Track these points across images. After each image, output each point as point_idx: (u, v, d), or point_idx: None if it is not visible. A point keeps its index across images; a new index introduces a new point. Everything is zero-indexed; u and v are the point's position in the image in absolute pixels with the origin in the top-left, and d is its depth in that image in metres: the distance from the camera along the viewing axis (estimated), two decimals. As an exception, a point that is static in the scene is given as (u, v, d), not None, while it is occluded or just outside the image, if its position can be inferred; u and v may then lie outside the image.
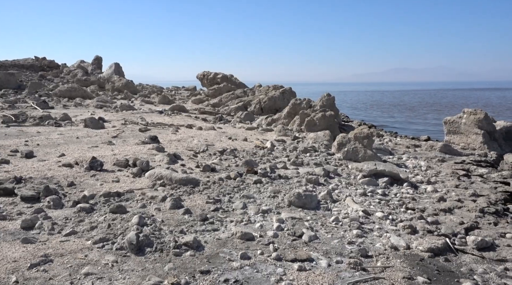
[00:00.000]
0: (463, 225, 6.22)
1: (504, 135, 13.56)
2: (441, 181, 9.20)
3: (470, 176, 9.96)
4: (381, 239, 5.44)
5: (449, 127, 14.25)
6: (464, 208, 7.20)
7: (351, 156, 10.50)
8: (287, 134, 14.28)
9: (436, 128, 21.10)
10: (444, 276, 4.48)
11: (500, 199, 8.06)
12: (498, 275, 4.57)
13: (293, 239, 5.26)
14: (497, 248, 5.42)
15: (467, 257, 5.10)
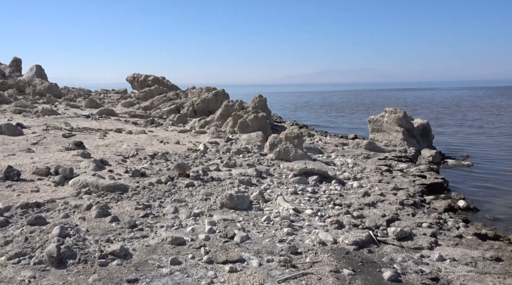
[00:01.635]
0: (385, 218, 6.62)
1: (421, 132, 14.65)
2: (366, 177, 9.72)
3: (391, 171, 10.63)
4: (310, 235, 5.62)
5: (373, 125, 15.11)
6: (386, 201, 7.67)
7: (283, 156, 10.73)
8: (220, 136, 14.26)
9: (362, 126, 22.26)
10: (367, 267, 4.73)
11: (418, 192, 8.70)
12: (415, 262, 4.92)
13: (225, 241, 5.25)
14: (414, 237, 5.83)
15: (388, 248, 5.43)
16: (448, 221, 6.79)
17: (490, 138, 17.87)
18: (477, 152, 14.36)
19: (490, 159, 13.16)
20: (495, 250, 5.44)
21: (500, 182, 10.17)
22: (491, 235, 6.12)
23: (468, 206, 7.98)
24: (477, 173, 11.27)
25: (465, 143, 16.70)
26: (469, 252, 5.34)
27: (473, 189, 9.62)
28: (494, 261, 5.05)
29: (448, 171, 11.65)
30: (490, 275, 4.59)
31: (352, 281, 4.31)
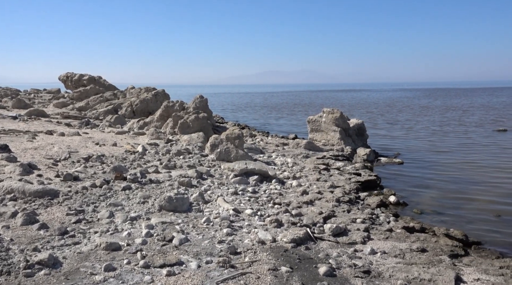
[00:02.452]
0: (322, 215, 6.83)
1: (357, 131, 15.32)
2: (305, 175, 9.97)
3: (329, 169, 11.01)
4: (250, 235, 5.66)
5: (312, 125, 15.55)
6: (324, 199, 7.92)
7: (224, 156, 10.72)
8: (160, 137, 13.95)
9: (302, 126, 22.84)
10: (304, 264, 4.85)
11: (353, 189, 9.08)
12: (349, 257, 5.12)
13: (163, 244, 5.14)
14: (349, 233, 6.07)
15: (324, 244, 5.61)
16: (380, 216, 7.15)
17: (419, 137, 19.09)
18: (407, 150, 15.27)
19: (418, 156, 14.05)
20: (421, 242, 5.81)
21: (427, 178, 10.88)
22: (418, 228, 6.54)
23: (398, 201, 8.45)
24: (407, 170, 11.98)
25: (396, 141, 17.70)
26: (398, 244, 5.66)
27: (403, 185, 10.20)
28: (420, 252, 5.39)
29: (381, 168, 12.28)
30: (416, 265, 4.89)
31: (289, 278, 4.40)
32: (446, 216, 7.78)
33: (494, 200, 8.71)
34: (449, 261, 5.10)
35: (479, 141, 17.20)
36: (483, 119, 26.36)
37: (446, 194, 9.25)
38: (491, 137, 18.18)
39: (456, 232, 6.28)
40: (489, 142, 16.86)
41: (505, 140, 17.34)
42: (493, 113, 30.74)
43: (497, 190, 9.48)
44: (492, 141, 17.09)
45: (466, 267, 4.99)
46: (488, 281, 4.52)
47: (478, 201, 8.69)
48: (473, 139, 17.70)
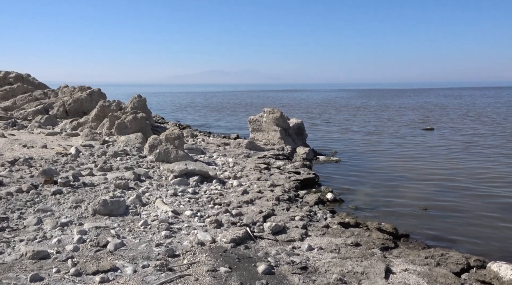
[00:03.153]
0: (262, 214, 6.90)
1: (296, 130, 15.68)
2: (246, 175, 10.03)
3: (270, 168, 11.15)
4: (189, 236, 5.58)
5: (253, 125, 15.68)
6: (264, 198, 8.01)
7: (163, 157, 10.48)
8: (95, 138, 13.34)
9: (244, 126, 22.94)
10: (243, 263, 4.86)
11: (292, 187, 9.27)
12: (287, 254, 5.22)
13: (97, 250, 4.92)
14: (288, 230, 6.19)
15: (264, 242, 5.67)
16: (317, 213, 7.36)
17: (355, 135, 19.95)
18: (344, 149, 15.88)
19: (354, 154, 14.67)
20: (355, 236, 6.06)
21: (363, 175, 11.40)
22: (352, 223, 6.81)
23: (335, 198, 8.76)
24: (344, 168, 12.46)
25: (334, 140, 18.36)
26: (334, 240, 5.86)
27: (340, 182, 10.59)
28: (354, 246, 5.62)
29: (319, 166, 12.66)
30: (350, 259, 5.10)
31: (228, 278, 4.39)
32: (379, 211, 8.19)
33: (421, 195, 9.31)
34: (380, 253, 5.36)
35: (409, 139, 18.31)
36: (412, 119, 28.09)
37: (379, 190, 9.74)
38: (420, 136, 19.43)
39: (387, 226, 6.62)
40: (418, 140, 18.01)
41: (432, 138, 18.61)
42: (421, 113, 32.87)
43: (424, 186, 10.13)
44: (420, 139, 18.27)
45: (396, 258, 5.28)
46: (414, 271, 4.82)
47: (407, 196, 9.23)
48: (403, 138, 18.80)
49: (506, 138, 17.78)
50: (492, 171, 11.52)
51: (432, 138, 18.60)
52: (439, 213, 7.98)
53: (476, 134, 19.59)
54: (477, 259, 5.16)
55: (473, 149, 15.34)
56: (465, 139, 18.02)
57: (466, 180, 10.51)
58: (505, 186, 9.90)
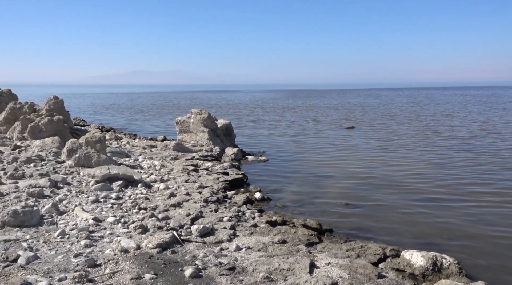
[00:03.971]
0: (190, 216, 6.79)
1: (225, 131, 15.68)
2: (173, 178, 9.81)
3: (198, 170, 11.03)
4: (112, 244, 5.32)
5: (181, 126, 15.40)
6: (192, 200, 7.89)
7: (84, 162, 9.91)
8: (5, 143, 12.24)
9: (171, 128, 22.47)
10: (170, 268, 4.74)
11: (221, 188, 9.24)
12: (215, 256, 5.18)
13: (6, 265, 4.50)
14: (216, 232, 6.15)
15: (191, 245, 5.58)
16: (246, 213, 7.41)
17: (282, 135, 20.44)
18: (272, 148, 16.20)
19: (282, 154, 15.02)
20: (282, 234, 6.20)
21: (290, 173, 11.70)
22: (279, 221, 6.96)
23: (263, 197, 8.88)
24: (272, 167, 12.71)
25: (262, 140, 18.65)
26: (261, 239, 5.94)
27: (268, 182, 10.77)
28: (281, 244, 5.74)
29: (248, 166, 12.78)
30: (277, 256, 5.19)
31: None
32: (305, 208, 8.46)
33: (344, 191, 9.76)
34: (305, 249, 5.53)
35: (333, 138, 19.17)
36: (335, 118, 29.47)
37: (305, 188, 10.05)
38: (342, 134, 20.44)
39: (312, 222, 6.85)
40: (340, 139, 18.91)
41: (353, 136, 19.66)
42: (343, 113, 34.63)
43: (346, 182, 10.65)
44: (343, 138, 19.21)
45: (320, 253, 5.48)
46: (337, 264, 5.03)
47: (331, 193, 9.64)
48: (327, 137, 19.65)
49: (419, 136, 19.32)
50: (407, 167, 12.42)
51: (353, 136, 19.64)
52: (360, 207, 8.43)
53: (392, 132, 21.04)
54: (392, 249, 5.53)
55: (390, 146, 16.45)
56: (383, 137, 19.27)
57: (384, 176, 11.23)
58: (419, 180, 10.72)
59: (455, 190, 9.57)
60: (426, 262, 4.95)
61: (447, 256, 5.12)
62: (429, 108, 39.26)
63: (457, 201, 8.78)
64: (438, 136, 19.00)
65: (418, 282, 4.79)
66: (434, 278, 4.82)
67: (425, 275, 4.90)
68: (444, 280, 4.42)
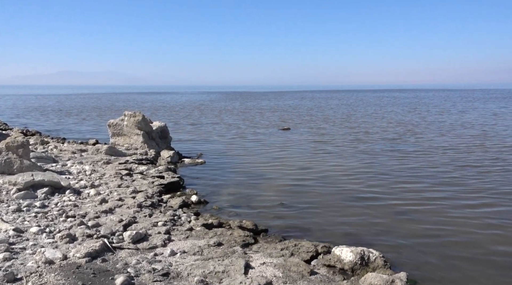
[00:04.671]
0: (122, 223, 6.55)
1: (160, 134, 15.34)
2: (105, 183, 9.41)
3: (132, 174, 10.68)
4: (35, 256, 4.98)
5: (113, 129, 14.83)
6: (125, 205, 7.62)
7: (4, 168, 9.19)
8: None
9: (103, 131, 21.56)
10: (100, 277, 4.54)
11: (156, 192, 9.02)
12: (149, 262, 5.05)
13: None
14: (150, 237, 6.00)
15: (124, 253, 5.39)
16: (182, 217, 7.30)
17: (220, 137, 20.41)
18: (210, 151, 16.12)
19: (219, 156, 15.00)
20: (218, 236, 6.19)
21: (227, 175, 11.71)
22: (216, 224, 6.94)
23: (200, 200, 8.81)
24: (209, 169, 12.64)
25: (200, 142, 18.49)
26: (197, 242, 5.89)
27: (205, 184, 10.70)
28: (216, 246, 5.73)
29: (184, 169, 12.61)
30: (213, 259, 5.18)
31: (81, 297, 4.05)
32: (241, 209, 8.51)
33: (279, 191, 9.97)
34: (241, 250, 5.57)
35: (269, 139, 19.50)
36: (271, 120, 30.00)
37: (242, 189, 10.12)
38: (278, 136, 20.85)
39: (247, 223, 6.92)
40: (276, 140, 19.29)
41: (289, 137, 20.14)
42: (279, 114, 35.35)
43: (282, 182, 10.89)
44: (279, 139, 19.61)
45: (255, 253, 5.55)
46: (271, 263, 5.13)
47: (267, 193, 9.79)
48: (264, 138, 19.94)
49: (351, 137, 20.24)
50: (340, 167, 12.95)
51: (289, 137, 20.12)
52: (295, 207, 8.65)
53: (326, 133, 21.84)
54: (324, 246, 5.74)
55: (324, 147, 17.06)
56: (317, 138, 19.94)
57: (318, 176, 11.62)
58: (350, 179, 11.23)
59: (384, 188, 10.13)
60: (354, 257, 5.20)
61: (374, 251, 5.41)
62: (360, 109, 41.32)
63: (385, 198, 9.30)
64: (369, 136, 20.05)
65: (347, 276, 5.02)
66: (362, 272, 5.08)
67: (354, 270, 5.14)
68: (370, 273, 4.67)
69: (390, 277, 4.50)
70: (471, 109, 38.74)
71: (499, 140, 17.83)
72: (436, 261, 5.89)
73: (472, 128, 22.68)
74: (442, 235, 6.98)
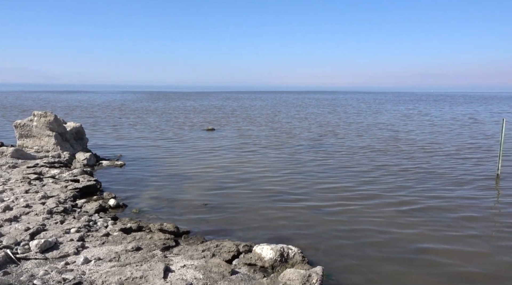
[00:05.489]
0: (29, 231, 6.04)
1: (75, 135, 14.41)
2: (9, 188, 8.62)
3: (42, 178, 9.91)
4: None
5: (21, 130, 13.64)
6: (32, 212, 7.04)
7: None
8: None
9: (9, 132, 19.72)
10: (0, 293, 4.13)
11: (69, 197, 8.45)
12: (59, 272, 4.70)
13: None
14: (61, 246, 5.59)
15: (30, 263, 4.96)
16: (98, 222, 6.92)
17: (142, 138, 19.69)
18: (131, 152, 15.49)
19: (141, 157, 14.47)
20: (137, 241, 5.96)
21: (148, 178, 11.33)
22: (135, 228, 6.68)
23: (118, 204, 8.41)
24: (129, 171, 12.13)
25: (120, 144, 17.69)
26: (114, 248, 5.61)
27: (124, 187, 10.26)
28: (135, 251, 5.50)
29: (102, 172, 11.97)
30: (130, 265, 4.96)
31: (-23, 316, 3.64)
32: (163, 211, 8.29)
33: (203, 192, 9.88)
34: (161, 254, 5.41)
35: (193, 140, 19.26)
36: (196, 120, 29.68)
37: (164, 191, 9.86)
38: (202, 136, 20.68)
39: (169, 225, 6.75)
40: (200, 140, 19.11)
41: (214, 138, 20.06)
42: (204, 115, 35.10)
43: (206, 183, 10.80)
44: (203, 139, 19.45)
45: (176, 256, 5.42)
46: (192, 265, 5.04)
47: (190, 194, 9.65)
48: (187, 139, 19.65)
49: (275, 138, 20.69)
50: (263, 167, 13.16)
51: (213, 138, 20.04)
52: (218, 207, 8.62)
53: (251, 134, 22.09)
54: (246, 245, 5.79)
55: (248, 147, 17.23)
56: (242, 139, 20.10)
57: (242, 176, 11.70)
58: (273, 179, 11.46)
59: (305, 188, 10.47)
60: (274, 254, 5.31)
61: (293, 247, 5.57)
62: (284, 110, 42.48)
63: (306, 198, 9.60)
64: (292, 137, 20.65)
65: (267, 274, 5.11)
66: (281, 268, 5.20)
67: (274, 267, 5.25)
68: (289, 269, 4.80)
69: (307, 272, 4.65)
70: (384, 111, 41.71)
71: (411, 140, 19.30)
72: (352, 255, 6.22)
73: (386, 129, 24.32)
74: (359, 231, 7.38)
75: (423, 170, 12.50)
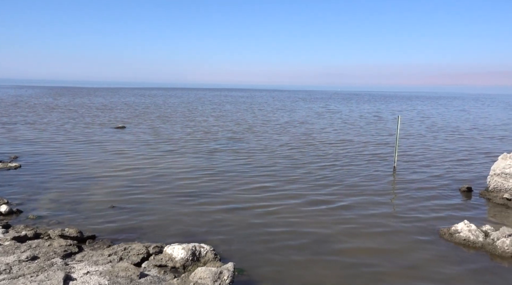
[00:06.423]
0: None
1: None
2: None
3: None
4: None
5: None
6: None
7: None
8: None
9: None
10: None
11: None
12: None
13: None
14: None
15: None
16: (-14, 231, 6.18)
17: (43, 138, 18.07)
18: (28, 153, 14.13)
19: (40, 159, 13.26)
20: (33, 249, 5.43)
21: (48, 180, 10.42)
22: (31, 235, 6.08)
23: (11, 210, 7.62)
24: (26, 174, 11.04)
25: (16, 144, 16.05)
26: (4, 259, 5.04)
27: (19, 191, 9.32)
28: (30, 261, 5.01)
29: (-6, 175, 10.75)
30: (24, 276, 4.50)
31: None
32: (65, 216, 7.69)
33: (110, 193, 9.36)
34: (61, 262, 4.99)
35: (101, 139, 18.16)
36: (104, 118, 28.05)
37: (66, 194, 9.16)
38: (111, 134, 19.61)
39: (71, 231, 6.26)
40: (109, 139, 18.08)
41: (123, 137, 19.11)
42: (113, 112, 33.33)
43: (113, 184, 10.24)
44: (112, 138, 18.43)
45: (78, 263, 5.04)
46: (97, 271, 4.73)
47: (96, 196, 9.07)
48: (95, 138, 18.48)
49: (191, 135, 20.32)
50: (175, 166, 12.81)
51: (123, 137, 19.09)
52: (127, 209, 8.22)
53: (163, 132, 21.44)
54: (156, 246, 5.58)
55: (160, 146, 16.68)
56: (154, 137, 19.41)
57: (152, 176, 11.29)
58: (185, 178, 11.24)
59: (220, 186, 10.39)
60: (186, 254, 5.19)
61: (205, 245, 5.50)
62: (199, 107, 42.01)
63: (220, 195, 9.55)
64: (207, 135, 20.45)
65: (178, 274, 4.98)
66: (193, 267, 5.10)
67: (186, 266, 5.13)
68: (200, 267, 4.72)
69: (219, 269, 4.62)
70: (298, 109, 43.26)
71: (325, 138, 20.02)
72: (263, 251, 6.32)
73: (301, 127, 25.03)
74: (271, 226, 7.53)
75: (339, 168, 12.76)
